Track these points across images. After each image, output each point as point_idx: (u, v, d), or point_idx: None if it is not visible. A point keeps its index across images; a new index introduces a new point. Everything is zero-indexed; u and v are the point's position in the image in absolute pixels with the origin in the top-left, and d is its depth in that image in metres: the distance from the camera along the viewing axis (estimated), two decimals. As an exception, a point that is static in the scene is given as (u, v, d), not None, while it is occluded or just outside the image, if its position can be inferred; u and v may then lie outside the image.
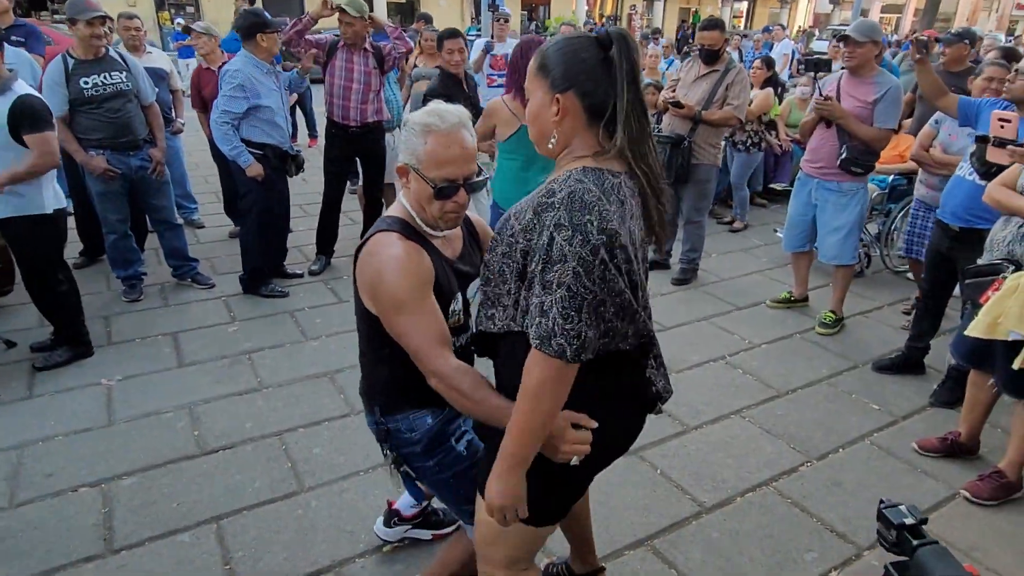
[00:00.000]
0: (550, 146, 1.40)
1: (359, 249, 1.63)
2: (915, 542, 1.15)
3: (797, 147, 7.17)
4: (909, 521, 1.18)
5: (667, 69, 7.93)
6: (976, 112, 3.13)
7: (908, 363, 3.61)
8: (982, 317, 2.44)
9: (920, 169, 4.02)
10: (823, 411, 3.30)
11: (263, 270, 4.46)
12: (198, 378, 3.45)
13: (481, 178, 1.65)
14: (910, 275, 4.64)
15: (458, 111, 1.59)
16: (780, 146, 6.59)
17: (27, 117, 3.08)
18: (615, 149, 1.32)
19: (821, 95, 3.73)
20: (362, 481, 2.71)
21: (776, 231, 5.96)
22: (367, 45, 4.57)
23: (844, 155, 3.67)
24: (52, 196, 3.30)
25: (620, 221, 1.29)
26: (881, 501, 1.32)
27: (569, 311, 1.24)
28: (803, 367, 3.74)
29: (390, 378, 1.77)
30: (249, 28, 4.07)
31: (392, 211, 1.68)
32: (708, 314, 4.40)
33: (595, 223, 1.24)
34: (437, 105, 1.60)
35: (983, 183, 2.80)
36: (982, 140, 2.77)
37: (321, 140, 5.39)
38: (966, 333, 2.51)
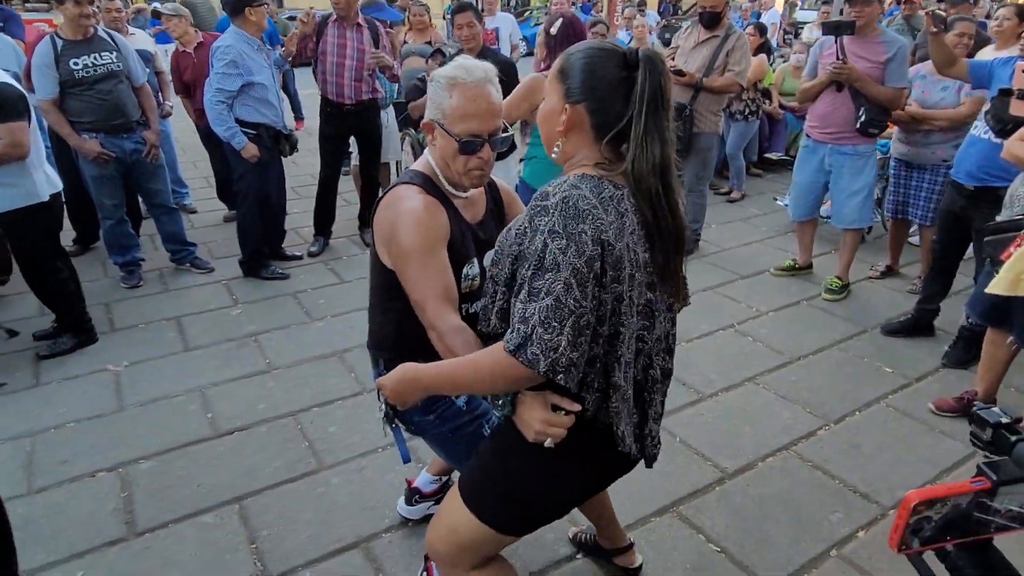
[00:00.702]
0: (554, 154, 1.37)
1: (379, 201, 1.62)
2: (1013, 438, 1.15)
3: (790, 115, 7.16)
4: (1005, 420, 1.18)
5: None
6: (989, 72, 3.11)
7: (918, 325, 3.63)
8: (1003, 274, 2.44)
9: (896, 128, 4.04)
10: (836, 375, 3.31)
11: (263, 252, 4.39)
12: (205, 362, 3.40)
13: (507, 134, 1.62)
14: (912, 239, 4.64)
15: (484, 66, 1.57)
16: (779, 110, 6.59)
17: None
18: (621, 168, 1.26)
19: (842, 59, 3.68)
20: (380, 458, 2.69)
21: (776, 200, 5.96)
22: (360, 20, 4.47)
23: (863, 118, 3.64)
24: (44, 181, 3.21)
25: (617, 234, 1.23)
26: (974, 404, 1.31)
27: (552, 322, 1.17)
28: (812, 333, 3.74)
29: (396, 333, 1.76)
30: (236, 2, 3.97)
31: (417, 166, 1.66)
32: (713, 284, 4.39)
33: (589, 233, 1.19)
34: (464, 59, 1.58)
35: (999, 141, 2.79)
36: (1005, 93, 2.74)
37: (310, 121, 5.29)
38: (987, 291, 2.50)
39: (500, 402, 1.36)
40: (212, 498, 2.46)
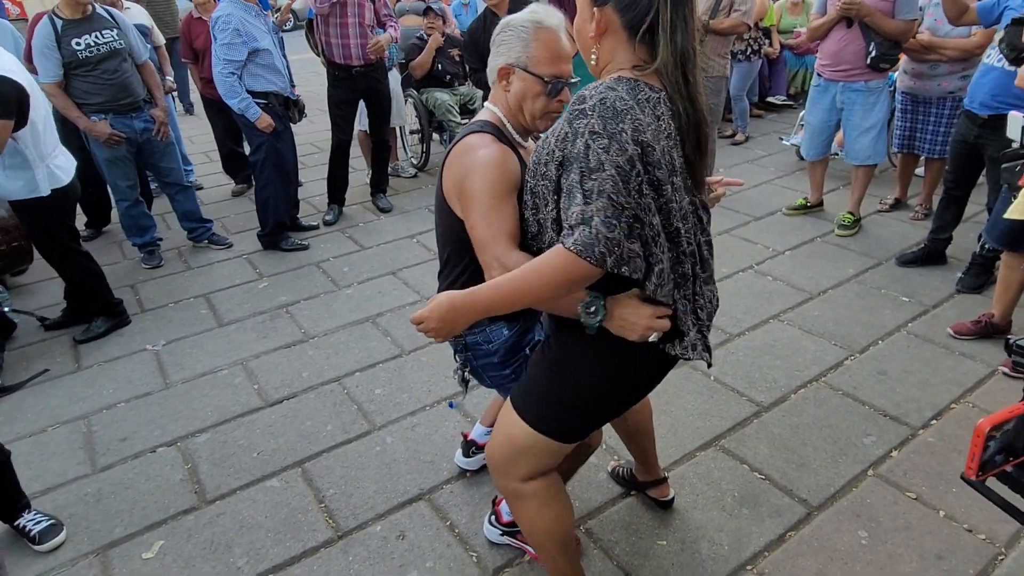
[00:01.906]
0: (592, 62, 1.38)
1: (449, 151, 1.64)
2: None
3: (788, 54, 7.13)
4: None
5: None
6: (1000, 9, 3.12)
7: (931, 255, 3.72)
8: (1021, 199, 2.51)
9: (904, 59, 4.04)
10: (857, 307, 3.41)
11: (284, 224, 4.41)
12: (242, 335, 3.47)
13: (575, 80, 1.67)
14: (919, 171, 4.70)
15: (557, 14, 1.63)
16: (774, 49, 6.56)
17: None
18: (654, 66, 1.27)
19: None
20: (430, 415, 2.79)
21: (782, 139, 5.99)
22: None
23: (874, 53, 3.67)
24: (46, 177, 3.12)
25: (655, 136, 1.25)
26: (995, 327, 1.41)
27: (611, 220, 1.20)
28: (830, 268, 3.83)
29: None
30: None
31: (482, 116, 1.69)
32: (728, 227, 4.46)
33: (628, 132, 1.21)
34: (537, 7, 1.63)
35: (1012, 69, 2.82)
36: (1018, 22, 2.77)
37: (302, 87, 5.20)
38: (1005, 216, 2.59)
39: (592, 309, 1.37)
40: (274, 463, 2.56)
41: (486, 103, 1.71)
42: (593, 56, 1.37)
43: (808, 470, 2.41)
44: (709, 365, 1.56)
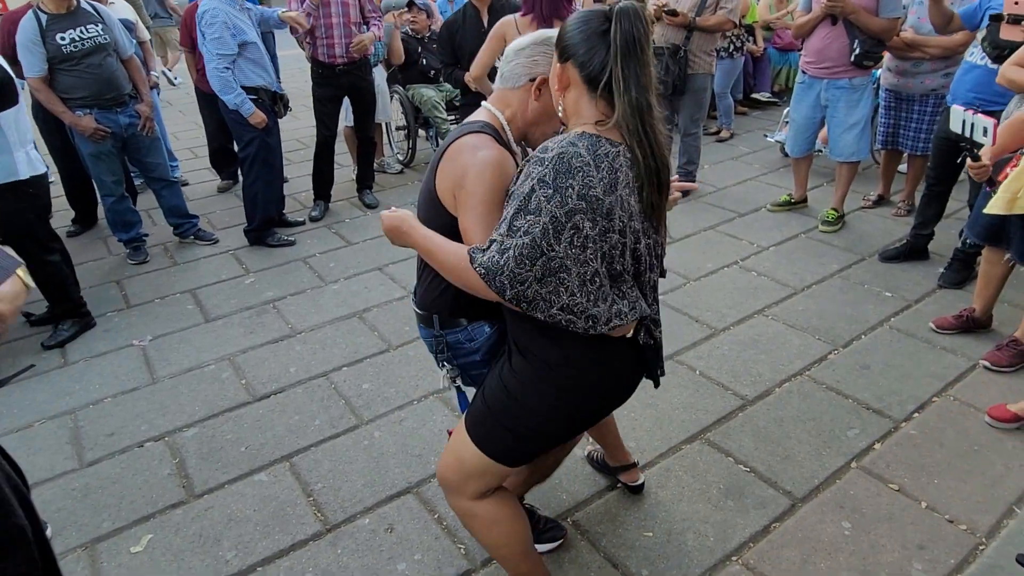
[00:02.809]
0: (559, 115, 1.48)
1: (444, 150, 1.62)
2: None
3: (772, 50, 7.18)
4: None
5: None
6: (982, 11, 3.17)
7: (914, 250, 3.78)
8: (1001, 194, 2.55)
9: (888, 57, 4.09)
10: (840, 302, 3.46)
11: (271, 220, 4.40)
12: (228, 330, 3.46)
13: None
14: (902, 168, 4.76)
15: None
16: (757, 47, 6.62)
17: None
18: (613, 120, 1.35)
19: None
20: (417, 409, 2.80)
21: (767, 136, 6.04)
22: None
23: (858, 50, 3.71)
24: (25, 161, 3.12)
25: (608, 189, 1.33)
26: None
27: (525, 259, 1.30)
28: (813, 264, 3.88)
29: (454, 289, 1.73)
30: None
31: (480, 117, 1.65)
32: (713, 223, 4.50)
33: (576, 188, 1.30)
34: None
35: (995, 67, 2.87)
36: (996, 19, 2.82)
37: (288, 83, 5.19)
38: (985, 211, 2.63)
39: None
40: (262, 458, 2.56)
41: (485, 104, 1.68)
42: (559, 107, 1.47)
43: (792, 462, 2.44)
44: (662, 374, 1.69)
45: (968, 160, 2.58)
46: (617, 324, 1.42)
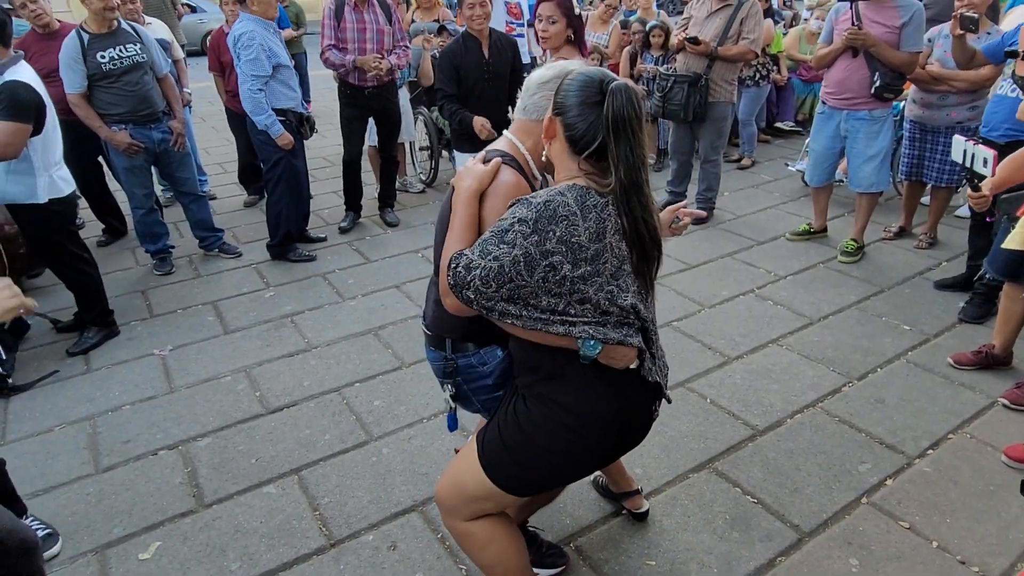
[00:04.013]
0: (543, 158, 1.56)
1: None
2: None
3: (796, 81, 7.19)
4: None
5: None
6: (1005, 46, 3.16)
7: (971, 280, 3.71)
8: (1019, 229, 2.53)
9: (913, 88, 4.08)
10: (857, 334, 3.42)
11: (292, 235, 4.49)
12: (246, 343, 3.53)
13: None
14: (924, 200, 4.71)
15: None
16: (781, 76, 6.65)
17: (2, 102, 2.87)
18: (607, 181, 1.40)
19: (858, 24, 3.73)
20: (427, 428, 2.82)
21: (788, 165, 6.03)
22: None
23: (878, 83, 3.72)
24: (46, 186, 3.18)
25: (595, 236, 1.38)
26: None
27: (491, 281, 1.35)
28: (831, 295, 3.84)
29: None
30: None
31: (500, 146, 1.67)
32: (730, 250, 4.49)
33: (557, 234, 1.35)
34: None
35: (1024, 99, 2.86)
36: (1011, 55, 2.82)
37: (318, 103, 5.33)
38: (1003, 246, 2.60)
39: (592, 343, 1.45)
40: (272, 470, 2.60)
41: (507, 133, 1.70)
42: (544, 153, 1.55)
43: (801, 495, 2.41)
44: (668, 401, 1.71)
45: (968, 190, 2.56)
46: (597, 336, 1.43)
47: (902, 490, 2.42)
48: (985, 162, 2.40)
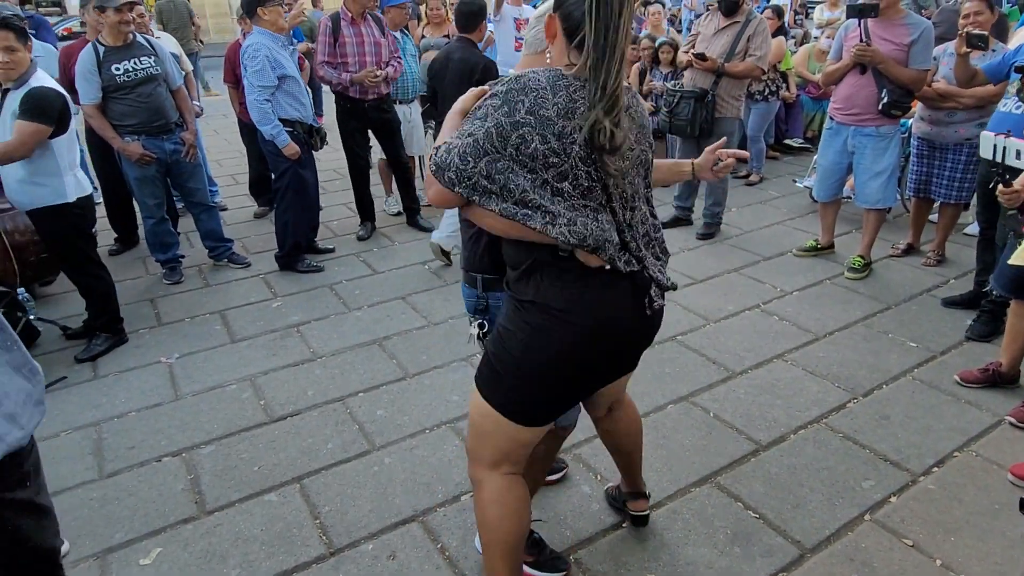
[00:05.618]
0: (547, 60, 1.55)
1: None
2: None
3: (805, 98, 7.20)
4: None
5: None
6: (1007, 66, 3.17)
7: (979, 297, 3.68)
8: (1025, 247, 2.52)
9: (920, 106, 4.09)
10: (862, 351, 3.40)
11: (300, 246, 4.53)
12: (252, 352, 3.55)
13: None
14: (932, 217, 4.70)
15: None
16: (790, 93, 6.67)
17: (27, 104, 3.00)
18: (579, 65, 1.41)
19: (866, 41, 3.75)
20: (429, 438, 2.82)
21: (796, 182, 6.03)
22: (371, 13, 4.61)
23: (886, 99, 3.74)
24: (74, 184, 3.28)
25: (564, 113, 1.39)
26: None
27: (468, 156, 1.40)
28: (837, 311, 3.83)
29: (489, 254, 1.84)
30: (249, 4, 4.13)
31: None
32: (737, 266, 4.48)
33: (526, 104, 1.39)
34: None
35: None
36: (1020, 70, 2.82)
37: (329, 116, 5.41)
38: (1009, 263, 2.59)
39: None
40: (274, 478, 2.61)
41: (512, 71, 1.71)
42: (548, 55, 1.56)
43: (803, 511, 2.40)
44: (673, 288, 1.71)
45: (1000, 186, 2.54)
46: (583, 233, 1.44)
47: (906, 507, 2.40)
48: (1019, 154, 2.38)
